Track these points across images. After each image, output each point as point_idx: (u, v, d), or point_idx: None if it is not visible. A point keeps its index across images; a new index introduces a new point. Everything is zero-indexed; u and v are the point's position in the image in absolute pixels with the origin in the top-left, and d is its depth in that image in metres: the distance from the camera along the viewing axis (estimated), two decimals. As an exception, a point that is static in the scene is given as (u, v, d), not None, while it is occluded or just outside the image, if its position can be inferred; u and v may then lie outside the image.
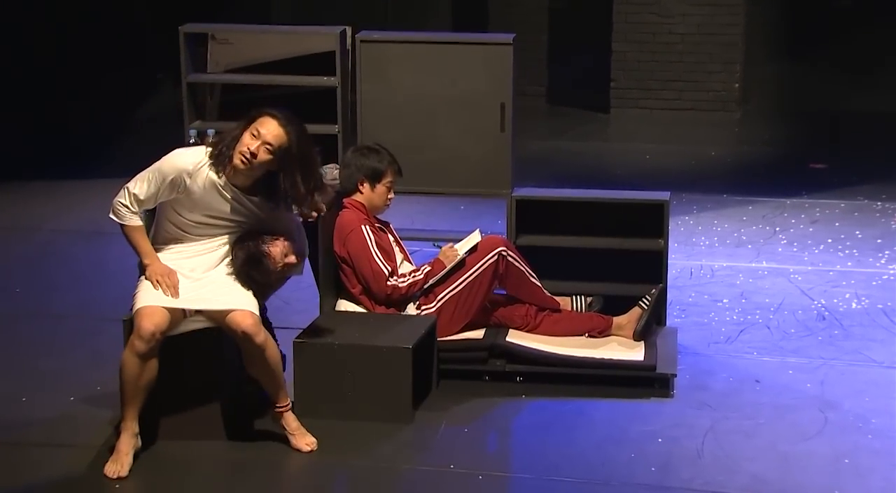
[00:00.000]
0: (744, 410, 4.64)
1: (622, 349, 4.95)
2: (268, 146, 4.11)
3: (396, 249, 5.03)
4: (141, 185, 4.17)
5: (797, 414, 4.60)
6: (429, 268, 4.92)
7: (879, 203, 7.43)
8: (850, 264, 6.37)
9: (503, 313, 5.05)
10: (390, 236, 5.03)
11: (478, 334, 4.96)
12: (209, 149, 4.18)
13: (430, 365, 4.78)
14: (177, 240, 4.26)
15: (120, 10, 9.54)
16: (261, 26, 6.13)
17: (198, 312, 4.20)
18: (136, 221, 4.20)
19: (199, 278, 4.22)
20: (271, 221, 4.29)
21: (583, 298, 5.16)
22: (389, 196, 4.99)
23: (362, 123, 5.31)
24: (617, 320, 5.07)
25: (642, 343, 5.00)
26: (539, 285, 5.05)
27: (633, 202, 5.34)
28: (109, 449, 4.17)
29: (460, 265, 4.93)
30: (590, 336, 5.04)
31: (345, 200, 4.96)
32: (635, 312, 5.05)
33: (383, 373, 4.52)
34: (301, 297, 5.73)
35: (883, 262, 6.39)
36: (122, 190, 4.20)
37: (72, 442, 4.36)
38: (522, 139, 6.20)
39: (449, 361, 4.86)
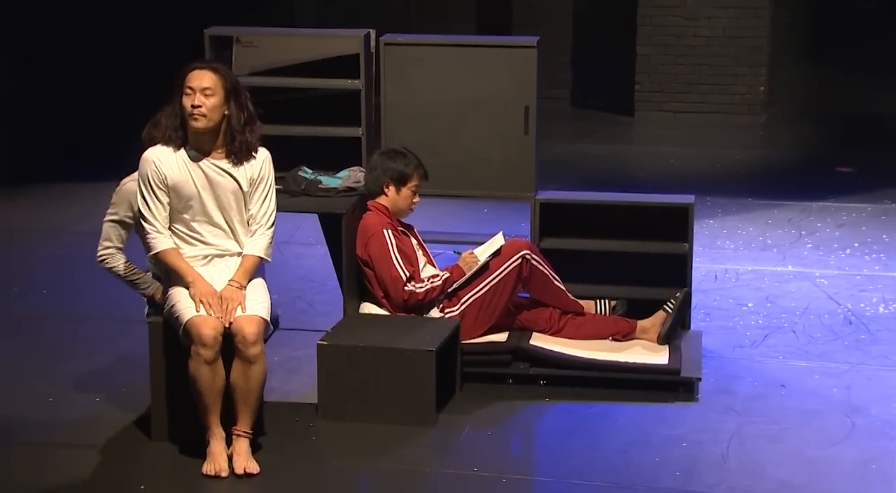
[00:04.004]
0: (769, 415, 4.61)
1: (646, 353, 4.93)
2: (207, 91, 4.16)
3: (419, 252, 5.02)
4: (142, 204, 4.23)
5: (824, 419, 4.57)
6: (447, 274, 4.91)
7: (906, 207, 7.38)
8: (876, 268, 6.32)
9: (527, 316, 5.04)
10: (413, 240, 5.03)
11: (501, 337, 4.95)
12: (161, 138, 4.24)
13: (454, 368, 4.77)
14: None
15: (144, 12, 9.58)
16: (285, 29, 6.14)
17: None
18: (167, 243, 4.22)
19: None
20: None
21: (607, 301, 5.14)
22: (414, 200, 4.99)
23: (386, 125, 5.31)
24: (641, 323, 5.04)
25: (667, 347, 4.98)
26: (563, 288, 5.04)
27: (658, 205, 5.31)
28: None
29: (484, 269, 4.92)
30: (614, 340, 5.02)
31: (368, 202, 4.96)
32: (660, 315, 5.03)
33: (407, 376, 4.51)
34: (325, 299, 5.74)
35: (910, 266, 6.34)
36: (142, 227, 4.26)
37: (97, 443, 4.37)
38: (546, 142, 6.20)
39: (472, 364, 4.86)
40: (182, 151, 4.23)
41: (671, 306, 5.02)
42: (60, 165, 8.31)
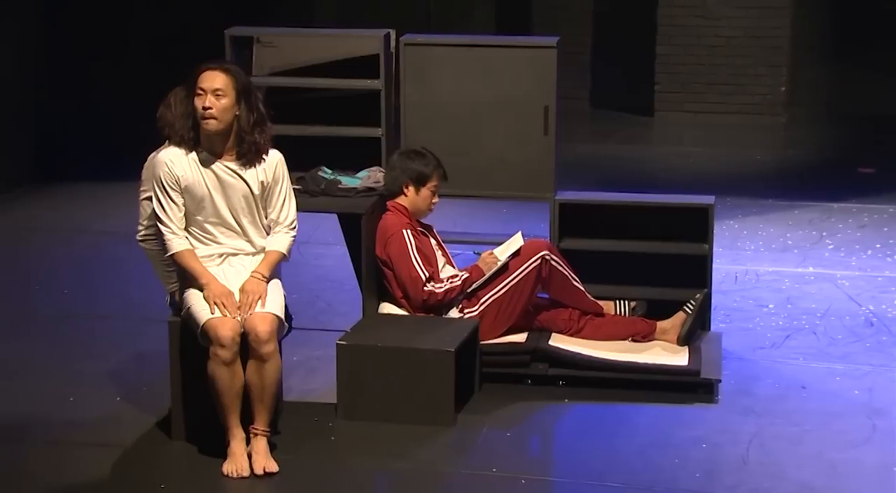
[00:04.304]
0: (790, 416, 4.59)
1: (666, 354, 4.91)
2: (217, 92, 4.14)
3: (439, 252, 5.02)
4: (157, 205, 4.23)
5: (844, 421, 4.55)
6: (467, 275, 4.91)
7: (929, 208, 7.33)
8: (898, 269, 6.29)
9: (546, 316, 5.03)
10: (432, 240, 5.03)
11: (520, 337, 4.94)
12: (174, 139, 4.24)
13: (473, 368, 4.77)
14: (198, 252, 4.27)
15: (167, 11, 9.62)
16: (306, 29, 6.15)
17: None
18: (182, 244, 4.22)
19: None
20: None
21: (626, 302, 5.13)
22: (434, 200, 4.99)
23: (405, 126, 5.31)
24: (661, 324, 5.03)
25: (686, 348, 4.96)
26: (582, 288, 5.03)
27: (678, 206, 5.30)
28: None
29: (503, 269, 4.92)
30: (633, 341, 5.01)
31: (388, 202, 4.97)
32: (679, 316, 5.02)
33: (426, 376, 4.51)
34: (344, 299, 5.75)
35: (932, 267, 6.30)
36: (157, 227, 4.25)
37: (117, 443, 4.39)
38: (566, 142, 6.17)
39: (491, 364, 4.85)
40: (194, 152, 4.23)
41: (691, 307, 5.01)
42: (82, 164, 8.34)
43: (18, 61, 7.97)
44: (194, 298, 4.19)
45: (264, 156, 4.26)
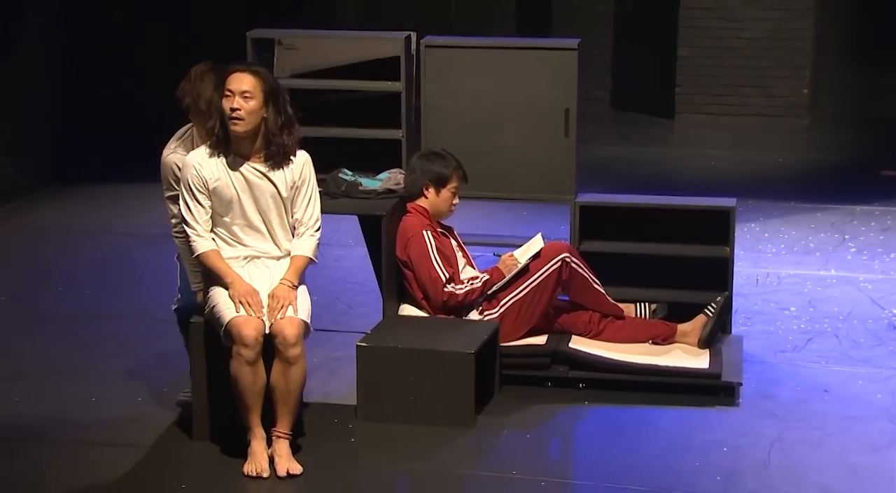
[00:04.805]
0: (811, 420, 4.57)
1: (686, 357, 4.90)
2: (245, 94, 4.15)
3: (459, 254, 5.02)
4: (184, 207, 4.24)
5: (867, 425, 4.52)
6: (487, 277, 4.91)
7: (952, 211, 7.28)
8: (921, 272, 6.25)
9: (566, 319, 5.02)
10: (453, 242, 5.03)
11: (540, 339, 4.94)
12: (209, 140, 4.25)
13: (493, 370, 4.77)
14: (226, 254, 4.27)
15: (188, 13, 9.66)
16: (327, 31, 6.18)
17: None
18: (208, 245, 4.24)
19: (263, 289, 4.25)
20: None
21: (647, 304, 5.12)
22: (454, 202, 4.99)
23: (426, 128, 5.32)
24: (681, 327, 5.02)
25: (707, 351, 4.95)
26: (603, 291, 5.02)
27: (699, 208, 5.28)
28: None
29: (524, 271, 4.92)
30: (653, 343, 5.00)
31: (408, 204, 4.97)
32: (700, 319, 5.00)
33: (446, 378, 4.51)
34: (364, 301, 5.76)
35: (956, 271, 6.26)
36: (183, 227, 4.26)
37: (139, 443, 4.42)
38: (586, 144, 6.16)
39: (511, 366, 4.85)
40: (222, 155, 4.25)
41: (712, 309, 4.99)
42: (103, 166, 8.38)
43: (44, 64, 8.02)
44: (219, 297, 4.20)
45: (292, 157, 4.27)
